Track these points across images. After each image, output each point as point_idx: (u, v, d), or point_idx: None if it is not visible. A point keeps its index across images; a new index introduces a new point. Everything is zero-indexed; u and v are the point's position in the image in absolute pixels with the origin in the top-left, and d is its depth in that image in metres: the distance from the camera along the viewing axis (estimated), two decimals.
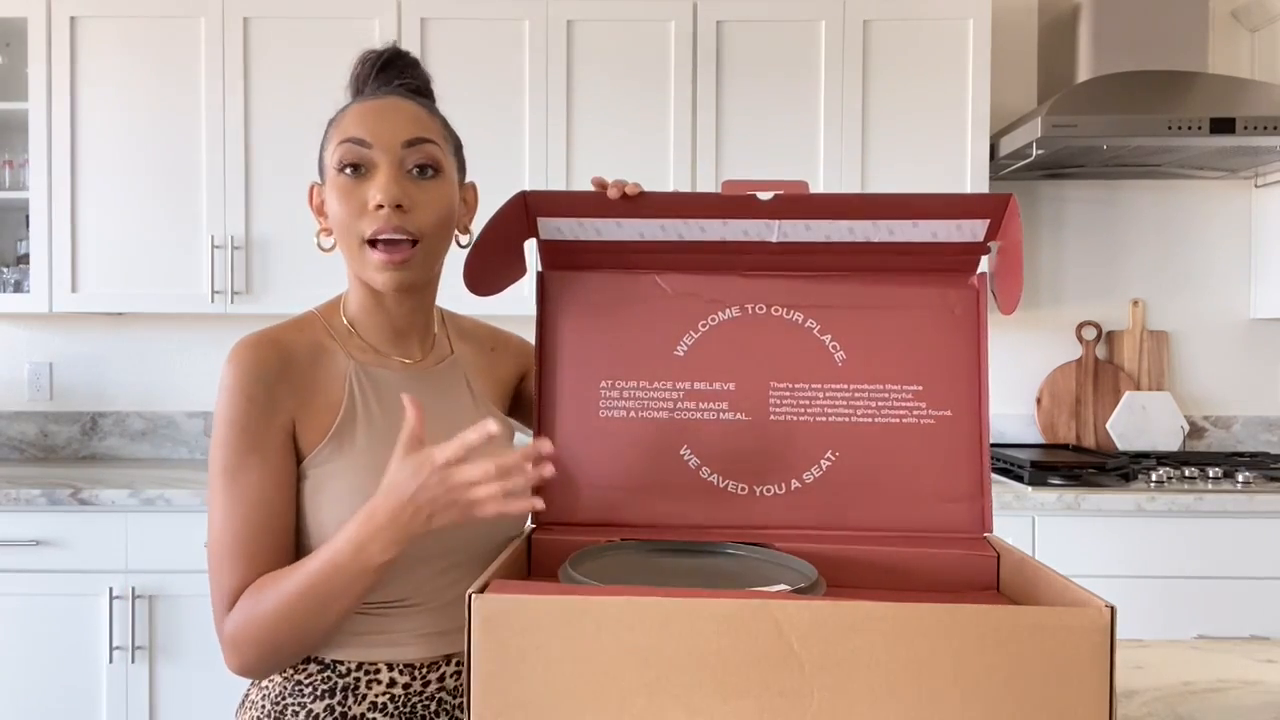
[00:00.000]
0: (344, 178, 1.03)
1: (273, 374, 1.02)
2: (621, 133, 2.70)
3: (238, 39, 2.67)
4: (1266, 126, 2.47)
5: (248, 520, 1.00)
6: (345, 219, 1.03)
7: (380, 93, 1.07)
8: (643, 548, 0.98)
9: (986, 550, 0.98)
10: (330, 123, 1.08)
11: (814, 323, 1.04)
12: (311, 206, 1.10)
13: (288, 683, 1.04)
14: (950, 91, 2.71)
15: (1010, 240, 0.98)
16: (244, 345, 1.03)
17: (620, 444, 1.05)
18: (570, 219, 1.03)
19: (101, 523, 2.42)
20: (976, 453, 1.03)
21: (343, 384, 1.05)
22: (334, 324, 1.10)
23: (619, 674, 0.70)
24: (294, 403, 1.03)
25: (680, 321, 1.05)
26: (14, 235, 2.97)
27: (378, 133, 1.03)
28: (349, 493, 1.01)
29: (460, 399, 1.13)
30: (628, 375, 1.05)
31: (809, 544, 0.98)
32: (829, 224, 1.00)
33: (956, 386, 1.03)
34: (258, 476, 1.01)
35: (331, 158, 1.04)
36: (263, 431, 1.01)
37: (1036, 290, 3.07)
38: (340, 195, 1.03)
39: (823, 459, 1.03)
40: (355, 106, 1.06)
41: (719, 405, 1.05)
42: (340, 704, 1.03)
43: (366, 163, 1.03)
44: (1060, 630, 0.69)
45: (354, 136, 1.03)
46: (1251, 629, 2.38)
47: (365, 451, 1.03)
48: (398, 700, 1.04)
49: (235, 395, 1.01)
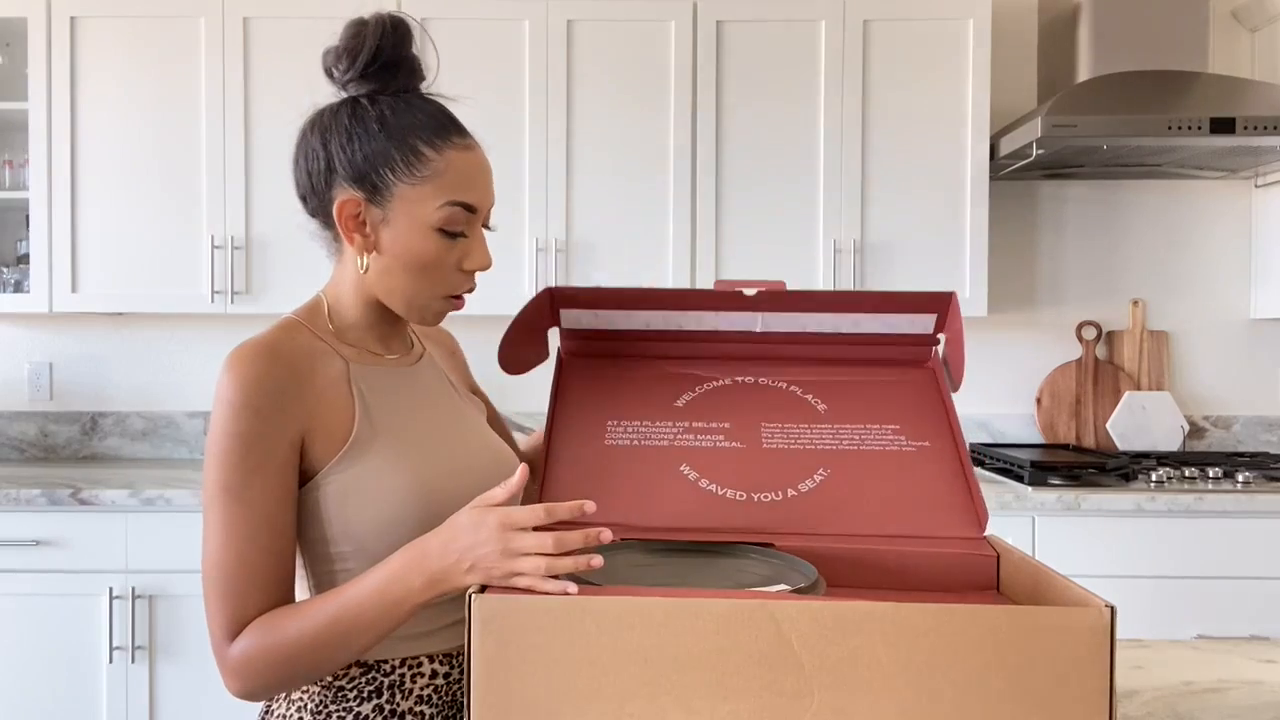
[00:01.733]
0: (442, 237, 1.02)
1: (279, 386, 0.99)
2: (621, 133, 2.70)
3: (238, 39, 2.67)
4: (1266, 126, 2.47)
5: (254, 542, 0.97)
6: (434, 275, 1.03)
7: (468, 138, 1.05)
8: (643, 548, 0.98)
9: (986, 550, 0.98)
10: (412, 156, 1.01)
11: (797, 388, 1.17)
12: (341, 218, 1.04)
13: (328, 690, 1.03)
14: (950, 91, 2.71)
15: (953, 331, 1.14)
16: (243, 357, 0.99)
17: (623, 463, 1.08)
18: (587, 310, 1.17)
19: (101, 523, 2.42)
20: (960, 472, 1.06)
21: (343, 386, 1.04)
22: (318, 326, 1.08)
23: (619, 674, 0.71)
24: (304, 413, 1.00)
25: (679, 386, 1.18)
26: (14, 235, 2.97)
27: (482, 201, 1.05)
28: (381, 492, 1.00)
29: (444, 389, 1.15)
30: (632, 416, 1.13)
31: (809, 544, 0.98)
32: (804, 316, 1.17)
33: (931, 426, 1.12)
34: (263, 495, 0.97)
35: (429, 207, 1.01)
36: (270, 447, 0.97)
37: (1036, 290, 3.07)
38: (435, 250, 1.02)
39: (816, 473, 1.07)
40: (461, 158, 1.03)
41: (716, 437, 1.11)
42: (388, 702, 1.02)
43: (468, 229, 1.04)
44: (1060, 630, 0.69)
45: (466, 203, 1.02)
46: (1251, 629, 2.38)
47: (387, 448, 1.02)
48: (440, 690, 1.05)
49: (239, 409, 0.97)
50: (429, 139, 1.02)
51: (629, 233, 2.70)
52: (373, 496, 1.00)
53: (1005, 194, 3.03)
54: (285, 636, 0.95)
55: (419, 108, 1.04)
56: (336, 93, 1.09)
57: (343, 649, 0.94)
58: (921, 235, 2.71)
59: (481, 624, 0.71)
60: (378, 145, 1.02)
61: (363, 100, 1.04)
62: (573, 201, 2.71)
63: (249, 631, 0.96)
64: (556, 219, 2.70)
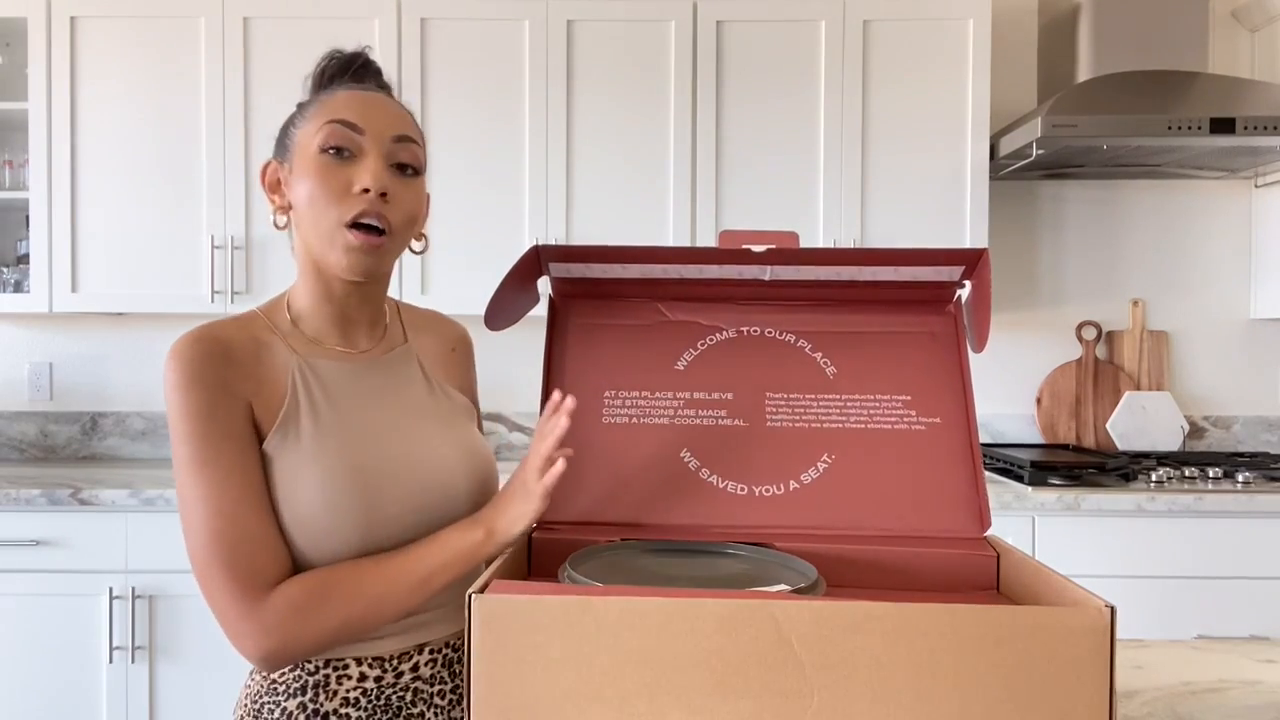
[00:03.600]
0: (327, 158, 1.02)
1: (217, 363, 1.00)
2: (621, 132, 2.70)
3: (238, 39, 2.67)
4: (1266, 126, 2.47)
5: (242, 502, 0.98)
6: (324, 199, 1.01)
7: (367, 85, 1.08)
8: (643, 548, 0.98)
9: (986, 550, 0.98)
10: (304, 105, 1.07)
11: (805, 343, 1.12)
12: (264, 184, 1.08)
13: (264, 681, 1.06)
14: (950, 91, 2.71)
15: (981, 281, 1.05)
16: (184, 341, 1.01)
17: (622, 448, 1.07)
18: (579, 263, 1.11)
19: (101, 523, 2.42)
20: (968, 458, 1.05)
21: (285, 378, 1.05)
22: (276, 319, 1.09)
23: (619, 674, 0.70)
24: (247, 390, 1.02)
25: (680, 341, 1.12)
26: (14, 235, 2.97)
27: (369, 120, 1.03)
28: (298, 486, 1.00)
29: (413, 383, 1.13)
30: (630, 386, 1.10)
31: (809, 544, 0.98)
32: (817, 268, 1.08)
33: (943, 396, 1.08)
34: (238, 458, 0.98)
35: (313, 136, 1.03)
36: (227, 416, 0.99)
37: (1036, 290, 3.07)
38: (320, 175, 1.01)
39: (819, 461, 1.05)
40: (344, 92, 1.05)
41: (718, 413, 1.08)
42: (312, 700, 1.03)
43: (354, 148, 1.02)
44: (1060, 630, 0.69)
45: (345, 119, 1.02)
46: (1251, 629, 2.38)
47: (312, 442, 1.02)
48: (370, 694, 1.05)
49: (187, 388, 0.98)
50: (322, 86, 1.08)
51: (629, 232, 2.70)
52: (287, 488, 1.00)
53: (1005, 194, 3.03)
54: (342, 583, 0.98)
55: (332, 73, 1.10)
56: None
57: (399, 602, 0.99)
58: (921, 235, 2.71)
59: (481, 624, 0.71)
60: (290, 115, 1.09)
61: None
62: (572, 201, 2.71)
63: (295, 581, 0.97)
64: (556, 218, 2.70)
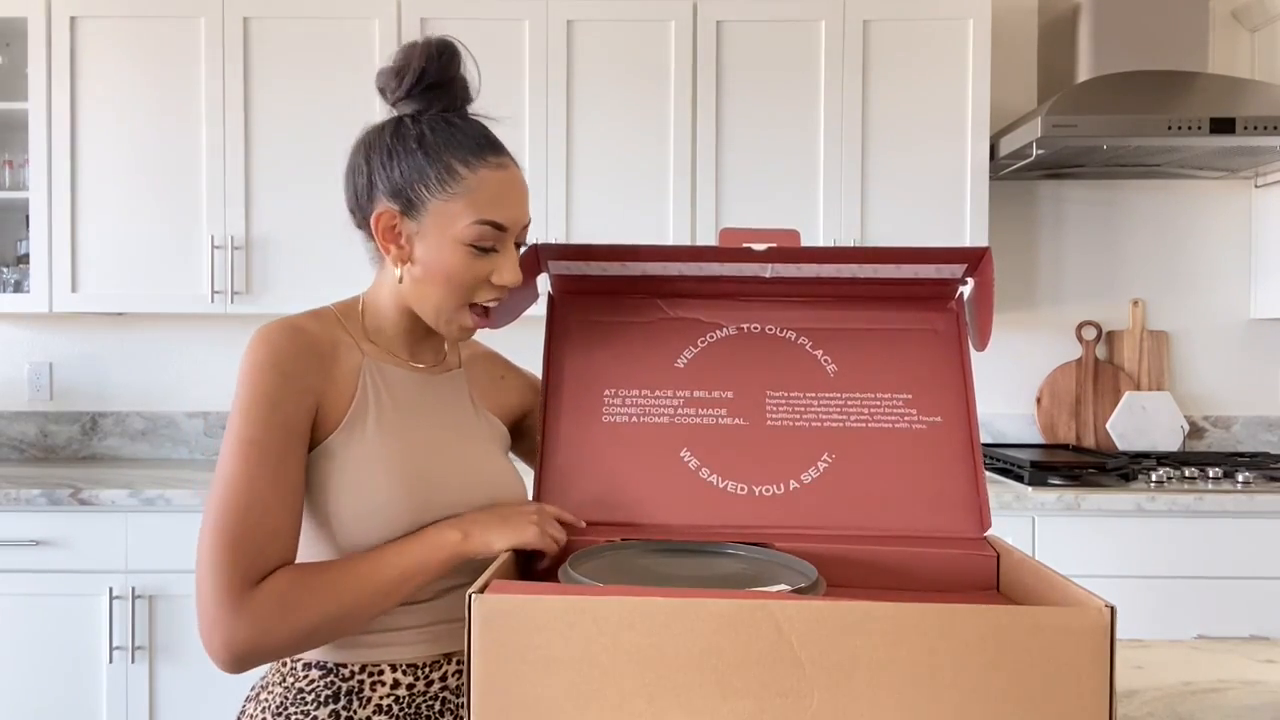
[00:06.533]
0: (471, 252, 1.05)
1: (302, 355, 1.03)
2: (621, 133, 2.70)
3: (238, 39, 2.67)
4: (1266, 126, 2.47)
5: (275, 491, 0.98)
6: (461, 288, 1.06)
7: (504, 157, 1.08)
8: (643, 548, 0.98)
9: (986, 550, 0.99)
10: (445, 167, 1.05)
11: (806, 340, 1.11)
12: (379, 230, 1.07)
13: (288, 692, 1.04)
14: (950, 91, 2.71)
15: (984, 279, 1.05)
16: (271, 328, 1.04)
17: (622, 447, 1.07)
18: (579, 261, 1.11)
19: (101, 523, 2.42)
20: (969, 457, 1.05)
21: (356, 377, 1.07)
22: (349, 321, 1.12)
23: (619, 674, 0.70)
24: (320, 387, 1.04)
25: (680, 338, 1.12)
26: (14, 235, 2.97)
27: (514, 220, 1.07)
28: (361, 479, 1.02)
29: (461, 404, 1.16)
30: (630, 384, 1.10)
31: (809, 544, 0.98)
32: (818, 265, 1.08)
33: (944, 395, 1.08)
34: (284, 450, 1.00)
35: (458, 221, 1.04)
36: (292, 410, 1.01)
37: (1036, 290, 3.07)
38: (464, 264, 1.05)
39: (820, 460, 1.05)
40: (493, 178, 1.06)
41: (718, 412, 1.08)
42: (345, 708, 1.03)
43: (496, 243, 1.06)
44: (1060, 630, 0.69)
45: (495, 221, 1.05)
46: (1251, 629, 2.38)
47: (375, 442, 1.04)
48: (402, 701, 1.04)
49: (266, 371, 1.00)
50: (463, 157, 1.06)
51: (629, 231, 2.70)
52: (345, 485, 1.02)
53: (1005, 194, 3.03)
54: (324, 574, 0.98)
55: (459, 127, 1.08)
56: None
57: (379, 593, 0.99)
58: (921, 235, 2.71)
59: (481, 624, 0.71)
60: (415, 162, 1.06)
61: (406, 120, 1.09)
62: (572, 201, 2.70)
63: (281, 573, 0.97)
64: (556, 218, 2.70)
